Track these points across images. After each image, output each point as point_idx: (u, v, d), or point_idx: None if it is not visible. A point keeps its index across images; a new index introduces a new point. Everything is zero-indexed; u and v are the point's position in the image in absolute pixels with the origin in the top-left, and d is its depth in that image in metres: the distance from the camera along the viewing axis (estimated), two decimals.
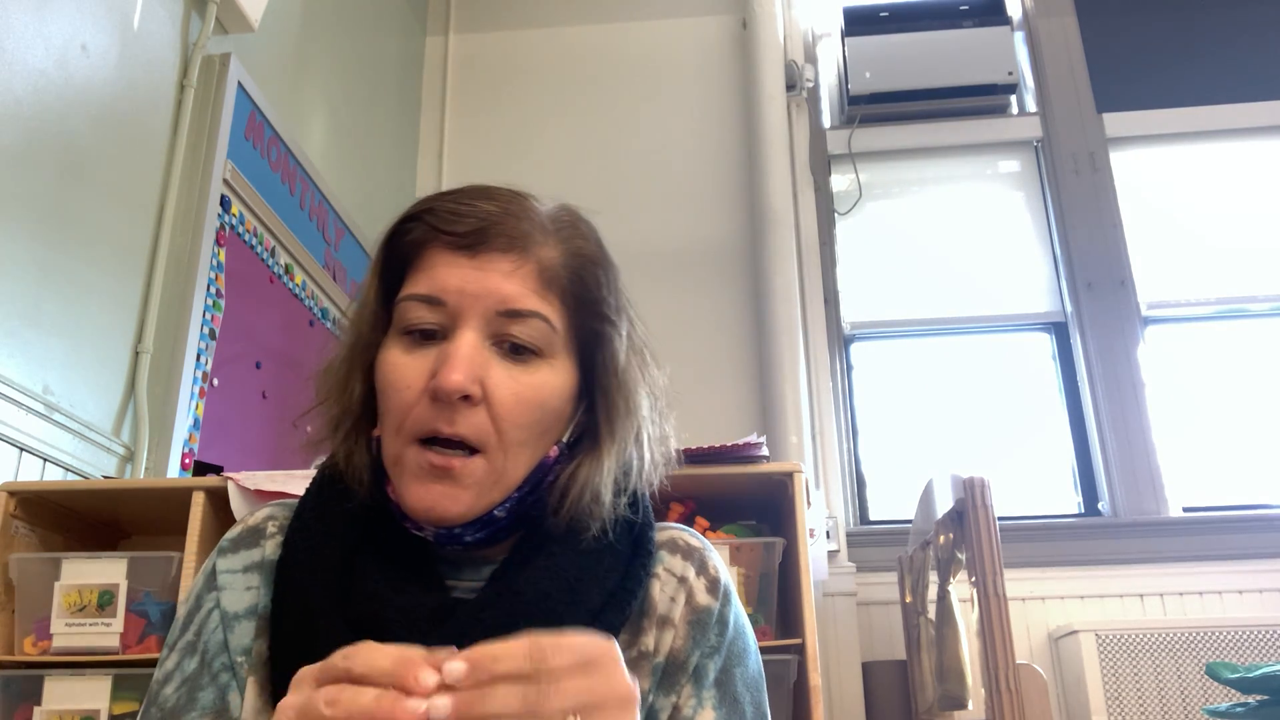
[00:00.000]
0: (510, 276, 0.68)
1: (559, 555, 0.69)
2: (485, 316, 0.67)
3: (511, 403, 0.66)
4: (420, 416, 0.66)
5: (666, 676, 0.70)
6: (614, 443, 0.71)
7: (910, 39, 3.53)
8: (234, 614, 0.70)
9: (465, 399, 0.65)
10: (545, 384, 0.68)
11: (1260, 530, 2.91)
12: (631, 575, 0.71)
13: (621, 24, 3.77)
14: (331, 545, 0.69)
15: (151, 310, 1.96)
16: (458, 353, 0.65)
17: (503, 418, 0.66)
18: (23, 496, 1.59)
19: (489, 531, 0.69)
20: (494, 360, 0.67)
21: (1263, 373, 3.20)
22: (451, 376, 0.64)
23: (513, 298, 0.67)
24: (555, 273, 0.70)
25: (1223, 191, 3.40)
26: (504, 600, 0.66)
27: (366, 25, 3.23)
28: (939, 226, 3.46)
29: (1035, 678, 2.08)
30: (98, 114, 1.84)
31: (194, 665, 0.69)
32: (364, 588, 0.66)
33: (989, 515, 2.00)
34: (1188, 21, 3.58)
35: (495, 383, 0.66)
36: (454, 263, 0.68)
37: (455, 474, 0.66)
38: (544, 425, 0.69)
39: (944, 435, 3.22)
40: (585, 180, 3.52)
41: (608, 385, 0.72)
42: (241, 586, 0.71)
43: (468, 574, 0.71)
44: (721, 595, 0.74)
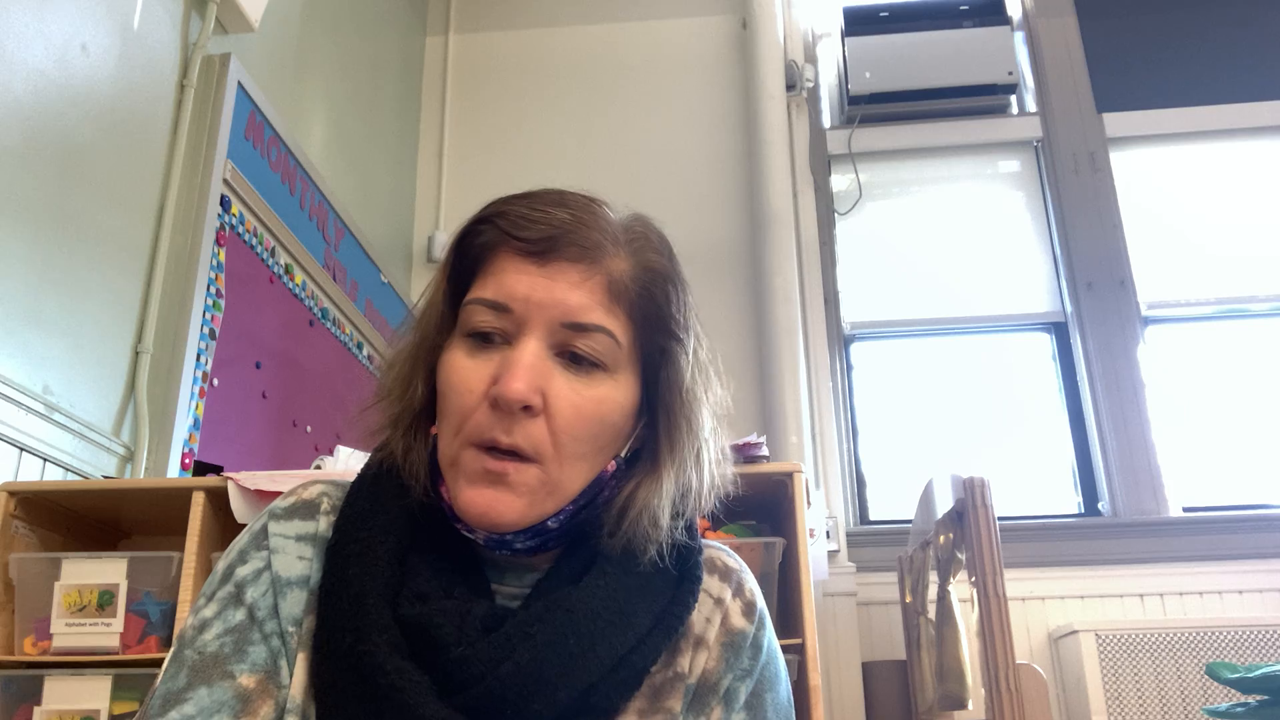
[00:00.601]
0: (578, 287, 0.67)
1: (611, 574, 0.68)
2: (550, 327, 0.66)
3: (571, 415, 0.66)
4: (479, 422, 0.65)
5: (698, 698, 0.70)
6: (674, 463, 0.70)
7: (910, 39, 3.53)
8: (286, 580, 0.69)
9: (525, 409, 0.64)
10: (606, 398, 0.67)
11: (1260, 530, 2.91)
12: (679, 600, 0.70)
13: (622, 24, 3.77)
14: (386, 539, 0.68)
15: (151, 310, 1.96)
16: (520, 361, 0.65)
17: (561, 429, 0.65)
18: (23, 496, 1.59)
19: (540, 541, 0.68)
20: (556, 371, 0.66)
21: (1263, 373, 3.20)
22: (514, 385, 0.64)
23: (579, 310, 0.66)
24: (624, 286, 0.69)
25: (1223, 191, 3.40)
26: (554, 616, 0.65)
27: (366, 25, 3.23)
28: (939, 226, 3.46)
29: (1035, 678, 2.09)
30: (98, 114, 1.84)
31: (240, 618, 0.67)
32: (415, 586, 0.66)
33: (989, 515, 2.00)
34: (1188, 21, 3.58)
35: (556, 394, 0.66)
36: (523, 269, 0.67)
37: (510, 480, 0.65)
38: (602, 440, 0.68)
39: (944, 435, 3.22)
40: (585, 180, 3.48)
41: (670, 403, 0.71)
42: (294, 554, 0.70)
43: (511, 580, 0.71)
44: (757, 620, 0.74)
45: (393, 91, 3.46)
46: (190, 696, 0.64)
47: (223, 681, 0.65)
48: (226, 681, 0.65)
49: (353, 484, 0.73)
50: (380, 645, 0.62)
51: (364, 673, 0.62)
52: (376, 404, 0.74)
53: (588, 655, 0.64)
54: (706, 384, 0.74)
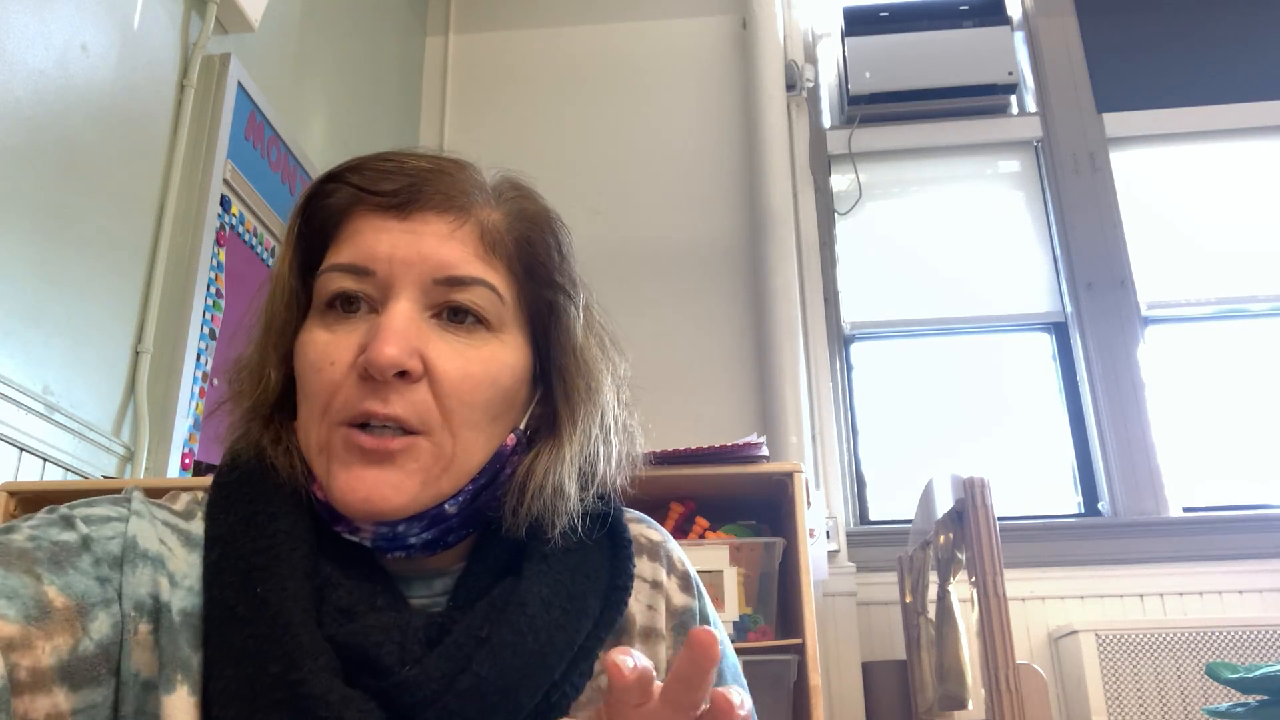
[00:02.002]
0: (448, 240, 0.60)
1: (551, 557, 0.61)
2: (421, 285, 0.59)
3: (458, 378, 0.58)
4: (349, 397, 0.57)
5: None
6: (575, 429, 0.63)
7: (910, 39, 3.53)
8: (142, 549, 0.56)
9: (402, 375, 0.57)
10: (495, 358, 0.60)
11: (1260, 530, 2.91)
12: (618, 570, 0.65)
13: (622, 24, 3.77)
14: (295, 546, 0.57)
15: (151, 310, 1.96)
16: (390, 324, 0.57)
17: (448, 394, 0.58)
18: (23, 496, 1.59)
19: (438, 531, 0.60)
20: (433, 333, 0.59)
21: (1263, 373, 3.20)
22: (384, 350, 0.55)
23: (452, 263, 0.59)
24: (499, 236, 0.62)
25: (1223, 191, 3.40)
26: (508, 614, 0.58)
27: (366, 25, 3.23)
28: (939, 226, 3.46)
29: (1035, 678, 2.09)
30: (98, 114, 1.84)
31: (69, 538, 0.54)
32: (336, 600, 0.57)
33: (989, 515, 2.00)
34: (1188, 21, 3.58)
35: (436, 354, 0.58)
36: (382, 226, 0.60)
37: (394, 457, 0.56)
38: (495, 406, 0.60)
39: (944, 435, 3.22)
40: (585, 180, 3.52)
41: (565, 364, 0.63)
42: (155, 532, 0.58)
43: (419, 589, 0.62)
44: (695, 590, 0.70)
45: (393, 91, 3.46)
46: None
47: (24, 575, 0.51)
48: (28, 577, 0.51)
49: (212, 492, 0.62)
50: (316, 672, 0.53)
51: (300, 706, 0.52)
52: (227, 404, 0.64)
53: (547, 652, 0.57)
54: (602, 346, 0.67)
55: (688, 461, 1.69)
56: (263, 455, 0.61)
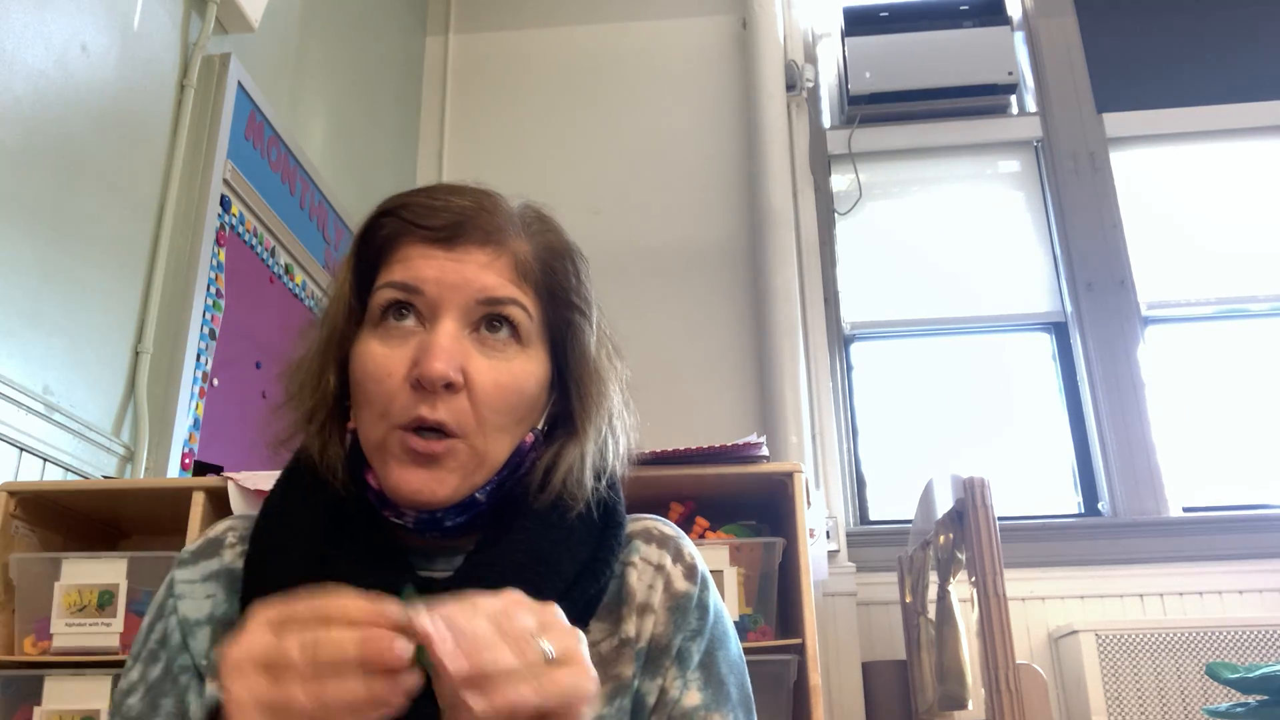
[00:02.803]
0: (487, 268, 0.70)
1: (530, 529, 0.71)
2: (464, 306, 0.69)
3: (491, 389, 0.69)
4: (404, 404, 0.68)
5: (650, 661, 0.72)
6: (591, 427, 0.74)
7: (910, 39, 3.53)
8: (193, 620, 0.72)
9: (448, 386, 0.67)
10: (522, 371, 0.71)
11: (1260, 530, 2.91)
12: (604, 546, 0.73)
13: (621, 24, 3.77)
14: (300, 543, 0.70)
15: (151, 310, 1.96)
16: (439, 342, 0.67)
17: (483, 403, 0.68)
18: (23, 496, 1.59)
19: (469, 516, 0.70)
20: (473, 350, 0.69)
21: (1263, 373, 3.20)
22: (434, 365, 0.66)
23: (492, 287, 0.70)
24: (529, 265, 0.72)
25: (1223, 191, 3.40)
26: (478, 573, 0.67)
27: (366, 25, 3.23)
28: (939, 226, 3.46)
29: (1035, 678, 2.09)
30: (98, 114, 1.84)
31: (157, 673, 0.70)
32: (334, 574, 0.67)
33: (989, 515, 2.00)
34: (1188, 21, 3.58)
35: (475, 369, 0.68)
36: (429, 254, 0.70)
37: (439, 458, 0.68)
38: (520, 411, 0.71)
39: (944, 435, 3.22)
40: (585, 180, 3.52)
41: (581, 373, 0.74)
42: (201, 595, 0.73)
43: (440, 563, 0.73)
44: (699, 581, 0.76)
45: (393, 91, 3.46)
46: None
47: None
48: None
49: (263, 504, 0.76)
50: None
51: None
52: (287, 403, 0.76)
53: None
54: (610, 355, 0.78)
55: (688, 461, 1.69)
56: (306, 458, 0.74)
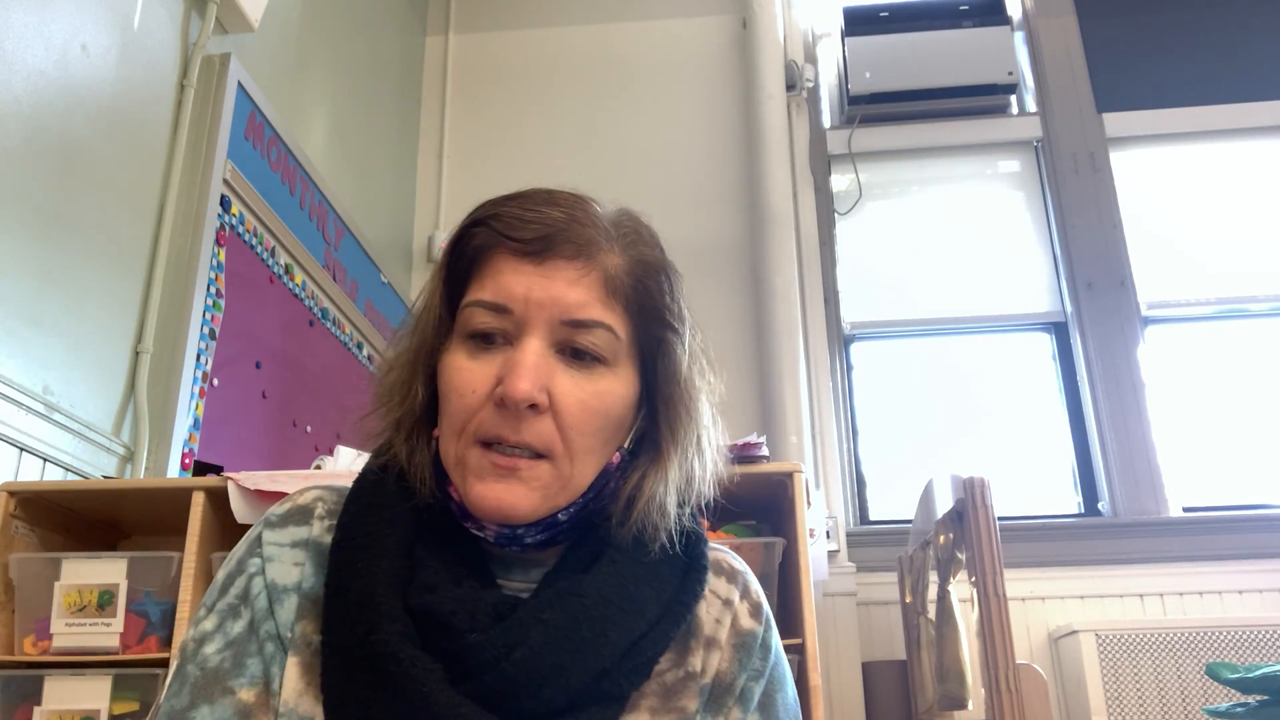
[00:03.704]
0: (576, 285, 0.67)
1: (620, 563, 0.69)
2: (550, 325, 0.67)
3: (577, 411, 0.67)
4: (485, 421, 0.66)
5: (714, 699, 0.71)
6: (678, 451, 0.71)
7: (910, 39, 3.53)
8: (281, 586, 0.70)
9: (532, 407, 0.65)
10: (610, 392, 0.68)
11: (1260, 530, 2.91)
12: (686, 589, 0.72)
13: (622, 24, 3.77)
14: (393, 533, 0.69)
15: (151, 310, 1.96)
16: (524, 361, 0.65)
17: (569, 425, 0.66)
18: (23, 496, 1.59)
19: (550, 534, 0.69)
20: (559, 368, 0.67)
21: (1263, 373, 3.20)
22: (519, 385, 0.64)
23: (578, 306, 0.67)
24: (620, 281, 0.69)
25: (1223, 191, 3.40)
26: (566, 602, 0.66)
27: (366, 25, 3.23)
28: (939, 226, 3.46)
29: (1035, 678, 2.09)
30: (98, 114, 1.84)
31: (239, 629, 0.68)
32: (423, 578, 0.66)
33: (989, 515, 2.00)
34: (1188, 21, 3.58)
35: (561, 391, 0.66)
36: (519, 269, 0.68)
37: (521, 474, 0.66)
38: (607, 433, 0.69)
39: (944, 435, 3.22)
40: (585, 180, 3.46)
41: (670, 393, 0.72)
42: (289, 561, 0.71)
43: (518, 574, 0.71)
44: (764, 621, 0.75)
45: (393, 91, 3.46)
46: (194, 716, 0.65)
47: (224, 698, 0.66)
48: (227, 698, 0.66)
49: (354, 485, 0.73)
50: (392, 635, 0.63)
51: (376, 663, 0.62)
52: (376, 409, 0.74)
53: (599, 640, 0.65)
54: (701, 372, 0.75)
55: None
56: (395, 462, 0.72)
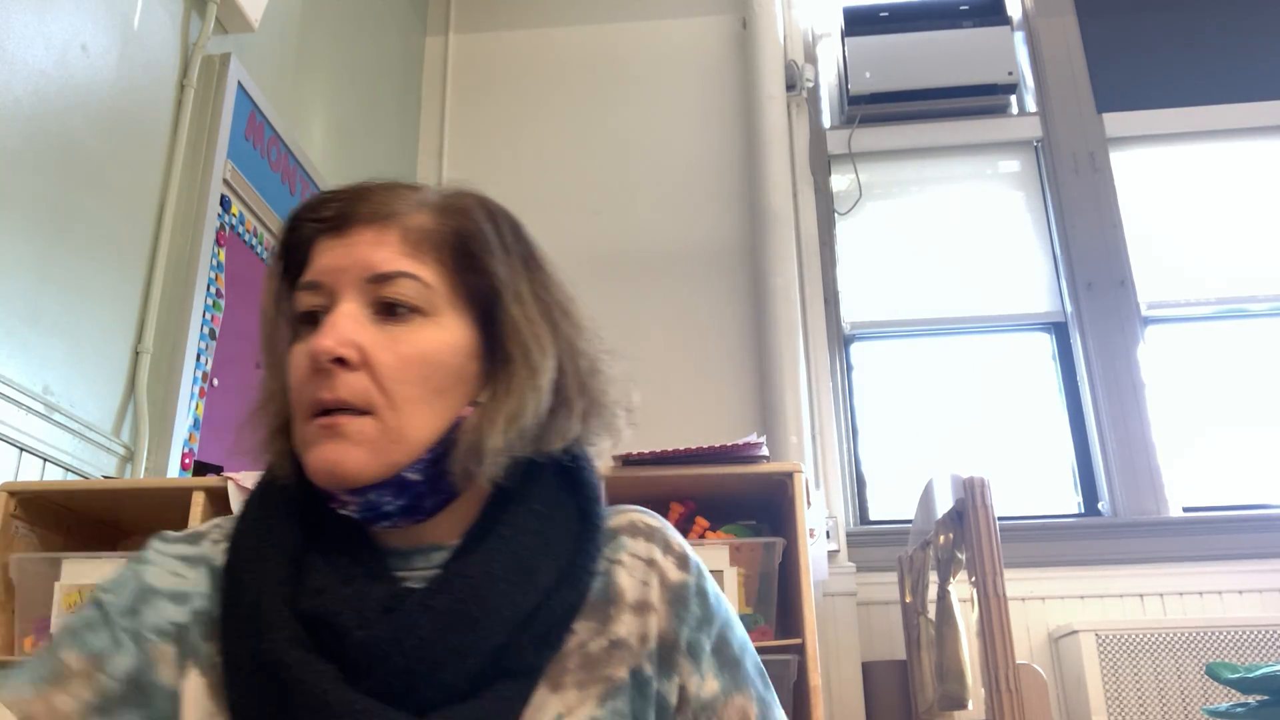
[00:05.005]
0: (376, 244, 0.69)
1: (508, 537, 0.69)
2: (358, 286, 0.69)
3: (392, 362, 0.67)
4: (307, 388, 0.67)
5: (664, 661, 0.71)
6: (509, 395, 0.70)
7: (910, 39, 3.53)
8: (153, 588, 0.70)
9: (341, 363, 0.66)
10: (430, 340, 0.68)
11: (1260, 530, 2.91)
12: (582, 552, 0.71)
13: (621, 24, 3.77)
14: (278, 543, 0.69)
15: (151, 310, 1.96)
16: (329, 321, 0.67)
17: (385, 377, 0.66)
18: (23, 496, 1.59)
19: (409, 498, 0.68)
20: (373, 325, 0.68)
21: (1263, 373, 3.20)
22: (321, 342, 0.66)
23: (378, 263, 0.69)
24: (425, 233, 0.71)
25: (1223, 191, 3.40)
26: (452, 584, 0.66)
27: (366, 25, 3.23)
28: (939, 226, 3.46)
29: (1035, 678, 2.09)
30: (98, 114, 1.84)
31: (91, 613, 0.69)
32: (311, 581, 0.66)
33: (989, 515, 2.00)
34: (1188, 21, 3.58)
35: (372, 344, 0.67)
36: (329, 247, 0.70)
37: (343, 430, 0.66)
38: (436, 382, 0.68)
39: (944, 435, 3.22)
40: (585, 180, 3.52)
41: (504, 338, 0.71)
42: (168, 570, 0.71)
43: (418, 563, 0.71)
44: (693, 569, 0.75)
45: (393, 91, 3.46)
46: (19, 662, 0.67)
47: (45, 654, 0.67)
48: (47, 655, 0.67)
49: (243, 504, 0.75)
50: (279, 642, 0.63)
51: (268, 671, 0.63)
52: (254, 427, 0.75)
53: (491, 618, 0.65)
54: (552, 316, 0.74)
55: (688, 461, 1.69)
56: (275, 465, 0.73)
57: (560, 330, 0.74)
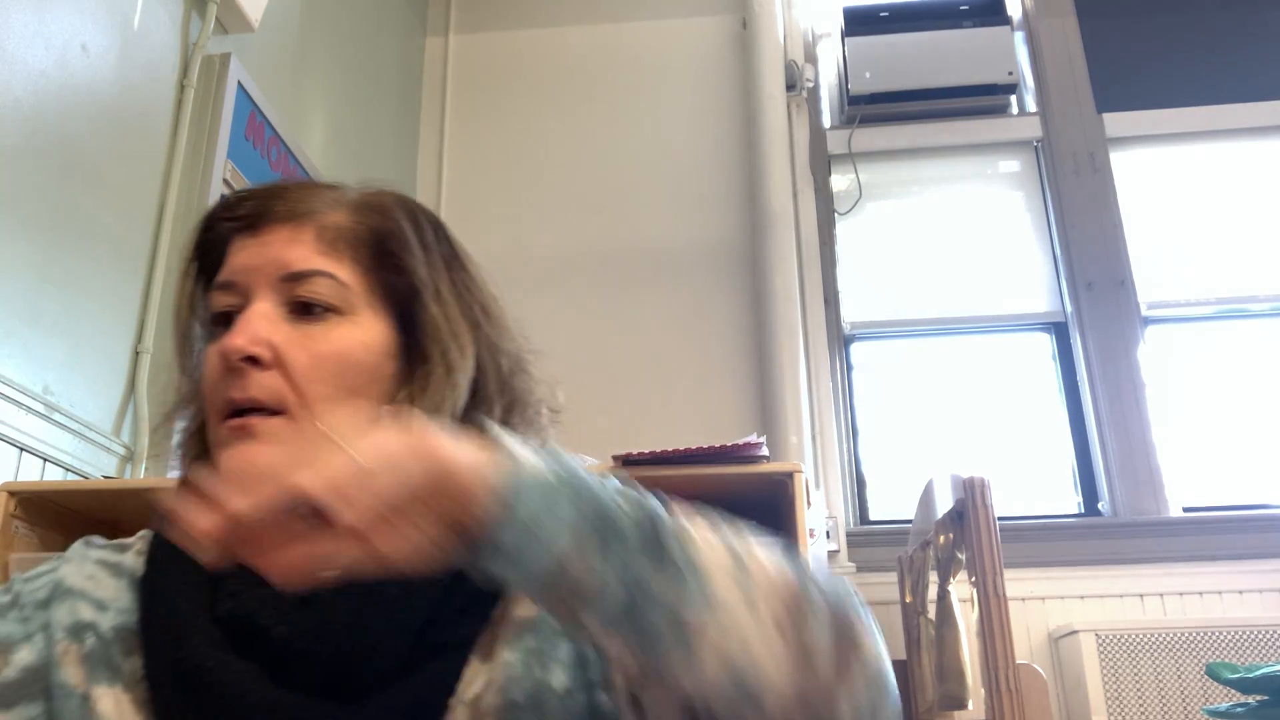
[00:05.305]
0: (291, 242, 0.68)
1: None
2: (272, 284, 0.68)
3: (305, 361, 0.66)
4: (218, 389, 0.66)
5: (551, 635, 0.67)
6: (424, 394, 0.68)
7: (910, 39, 3.53)
8: (67, 587, 0.68)
9: (253, 362, 0.65)
10: (345, 339, 0.67)
11: (1260, 530, 2.91)
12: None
13: (621, 24, 3.77)
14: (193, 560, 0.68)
15: (151, 310, 1.96)
16: (242, 319, 0.66)
17: (298, 375, 0.65)
18: (23, 496, 1.59)
19: None
20: (287, 324, 0.67)
21: (1263, 373, 3.20)
22: (232, 341, 0.64)
23: (292, 261, 0.68)
24: (341, 231, 0.70)
25: (1223, 191, 3.40)
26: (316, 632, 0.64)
27: (366, 25, 3.23)
28: (939, 226, 3.46)
29: (1035, 678, 2.09)
30: (98, 114, 1.84)
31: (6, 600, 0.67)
32: (228, 585, 0.65)
33: (989, 515, 2.00)
34: (1188, 21, 3.58)
35: (286, 343, 0.66)
36: (243, 246, 0.69)
37: (255, 432, 0.64)
38: (350, 380, 0.67)
39: (944, 435, 3.22)
40: (585, 180, 3.52)
41: (422, 336, 0.70)
42: (87, 572, 0.70)
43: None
44: None
45: (393, 91, 3.46)
46: None
47: None
48: None
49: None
50: (198, 646, 0.62)
51: (190, 678, 0.62)
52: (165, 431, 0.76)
53: (411, 596, 0.64)
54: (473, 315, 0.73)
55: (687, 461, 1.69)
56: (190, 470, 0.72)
57: (481, 330, 0.73)
